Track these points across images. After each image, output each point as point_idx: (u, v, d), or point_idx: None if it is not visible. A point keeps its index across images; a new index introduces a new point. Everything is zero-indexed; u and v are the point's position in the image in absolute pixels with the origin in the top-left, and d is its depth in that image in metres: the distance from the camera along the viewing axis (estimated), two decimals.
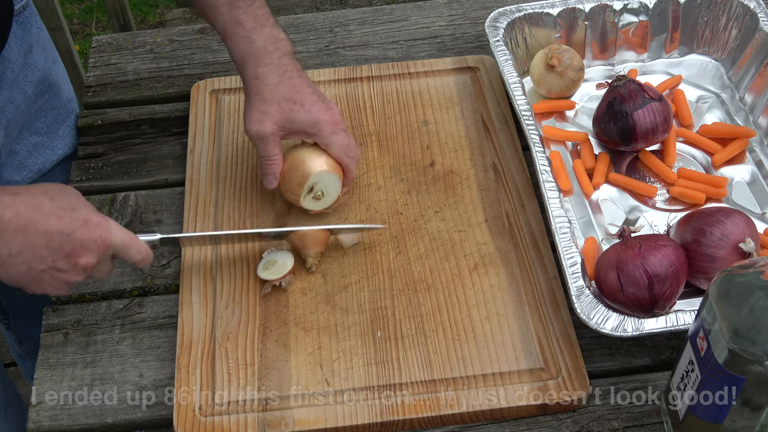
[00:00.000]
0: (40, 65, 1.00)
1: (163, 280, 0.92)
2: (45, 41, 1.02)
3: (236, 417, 0.80)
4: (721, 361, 0.65)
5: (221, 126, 1.04)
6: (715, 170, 0.99)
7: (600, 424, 0.80)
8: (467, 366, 0.82)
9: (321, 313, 0.86)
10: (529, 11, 1.07)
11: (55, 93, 1.04)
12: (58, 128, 1.06)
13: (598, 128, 0.99)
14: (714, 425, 0.71)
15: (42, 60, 1.00)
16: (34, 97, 1.00)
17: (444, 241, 0.92)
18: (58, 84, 1.05)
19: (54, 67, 1.04)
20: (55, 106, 1.05)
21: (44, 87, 1.02)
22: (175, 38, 1.19)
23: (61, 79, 1.06)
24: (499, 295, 0.87)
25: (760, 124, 1.01)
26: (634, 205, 0.95)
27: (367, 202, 0.96)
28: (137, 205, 0.99)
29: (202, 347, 0.84)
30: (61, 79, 1.06)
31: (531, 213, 0.94)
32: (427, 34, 1.18)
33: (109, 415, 0.82)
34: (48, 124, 1.04)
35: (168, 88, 1.13)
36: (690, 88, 1.07)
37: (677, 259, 0.82)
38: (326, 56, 1.15)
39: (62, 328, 0.89)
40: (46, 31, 1.04)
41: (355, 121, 1.04)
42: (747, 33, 1.04)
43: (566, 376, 0.81)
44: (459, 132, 1.03)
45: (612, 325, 0.80)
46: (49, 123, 1.04)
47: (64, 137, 1.06)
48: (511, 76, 1.00)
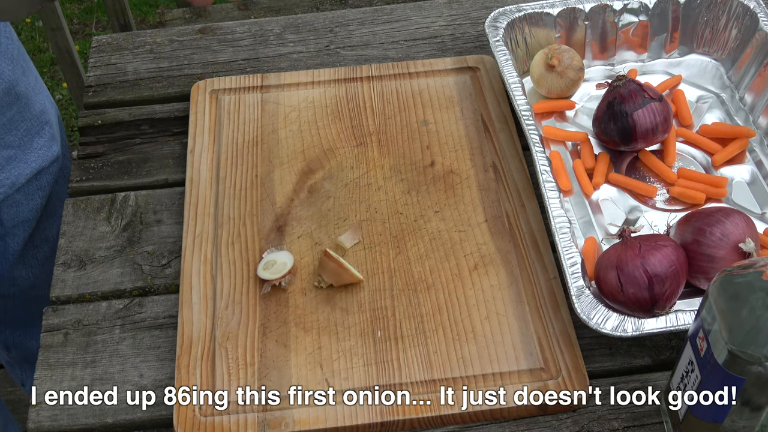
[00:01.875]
0: (6, 76, 0.99)
1: (163, 280, 0.92)
2: (14, 52, 1.01)
3: (236, 417, 0.80)
4: (721, 361, 0.65)
5: (221, 126, 1.04)
6: (715, 170, 0.99)
7: (600, 424, 0.80)
8: (467, 366, 0.82)
9: (321, 313, 0.87)
10: (529, 11, 1.07)
11: (24, 104, 1.02)
12: (31, 141, 1.04)
13: (598, 128, 0.99)
14: (714, 425, 0.71)
15: (9, 71, 0.99)
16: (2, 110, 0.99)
17: (444, 241, 0.92)
18: (27, 95, 1.03)
19: (23, 78, 1.02)
20: (26, 117, 1.03)
21: (11, 98, 1.00)
22: (175, 38, 1.19)
23: (31, 90, 1.04)
24: (499, 295, 0.87)
25: (760, 124, 1.01)
26: (634, 205, 0.95)
27: (367, 202, 0.96)
28: (137, 205, 0.99)
29: (202, 347, 0.84)
30: (31, 90, 1.04)
31: (531, 213, 0.94)
32: (427, 34, 1.18)
33: (109, 415, 0.83)
34: (20, 136, 1.03)
35: (168, 88, 1.13)
36: (690, 88, 1.07)
37: (677, 259, 0.82)
38: (326, 56, 1.15)
39: (62, 328, 0.89)
40: (18, 41, 1.02)
41: (355, 121, 1.04)
42: (747, 33, 1.05)
43: (566, 376, 0.81)
44: (459, 132, 1.03)
45: (612, 325, 0.80)
46: (22, 136, 1.03)
47: (38, 149, 1.05)
48: (511, 76, 1.00)
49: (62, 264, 0.94)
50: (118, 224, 0.97)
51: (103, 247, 0.95)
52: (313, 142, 1.02)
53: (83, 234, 0.96)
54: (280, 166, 0.99)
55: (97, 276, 0.93)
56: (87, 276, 0.93)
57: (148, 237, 0.96)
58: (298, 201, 0.96)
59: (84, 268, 0.93)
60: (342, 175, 0.99)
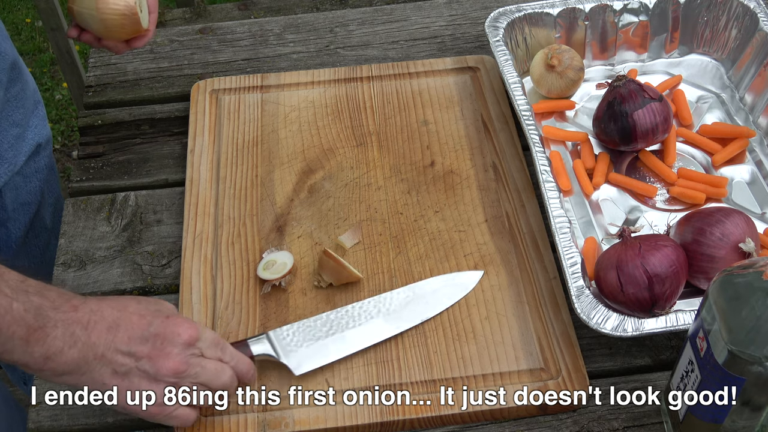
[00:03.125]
0: (9, 51, 1.00)
1: (163, 280, 0.92)
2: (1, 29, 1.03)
3: (236, 417, 0.80)
4: (721, 361, 0.65)
5: (221, 126, 1.04)
6: (715, 170, 0.98)
7: (600, 424, 0.80)
8: (467, 366, 0.82)
9: (321, 313, 0.86)
10: (529, 11, 1.07)
11: (25, 81, 1.05)
12: (29, 119, 1.07)
13: (598, 128, 0.99)
14: (714, 425, 0.71)
15: (9, 47, 1.01)
16: (7, 85, 1.00)
17: (444, 241, 0.92)
18: (25, 72, 1.06)
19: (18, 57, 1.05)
20: (27, 95, 1.06)
21: (15, 74, 1.02)
22: (175, 38, 1.19)
23: (25, 67, 1.07)
24: (499, 295, 0.87)
25: (760, 124, 1.01)
26: (634, 205, 0.95)
27: (367, 202, 0.96)
28: (137, 205, 0.99)
29: None
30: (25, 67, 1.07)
31: (531, 213, 0.94)
32: (427, 34, 1.18)
33: (110, 415, 0.82)
34: (24, 114, 1.05)
35: (168, 88, 1.13)
36: (690, 88, 1.07)
37: (677, 259, 0.82)
38: (326, 56, 1.15)
39: None
40: None
41: (355, 121, 1.04)
42: (747, 33, 1.04)
43: (566, 376, 0.81)
44: (459, 132, 1.03)
45: (612, 325, 0.80)
46: (24, 113, 1.05)
47: (34, 128, 1.07)
48: (511, 76, 1.00)
49: (62, 264, 0.94)
50: (118, 224, 0.97)
51: (103, 247, 0.95)
52: (313, 142, 1.02)
53: (83, 234, 0.96)
54: (280, 166, 0.99)
55: (97, 276, 0.93)
56: (87, 276, 0.93)
57: (148, 237, 0.96)
58: (298, 201, 0.96)
59: (84, 268, 0.93)
60: (342, 175, 0.99)
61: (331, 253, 0.87)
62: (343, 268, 0.86)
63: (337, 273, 0.87)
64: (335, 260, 0.86)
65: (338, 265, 0.86)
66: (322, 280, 0.88)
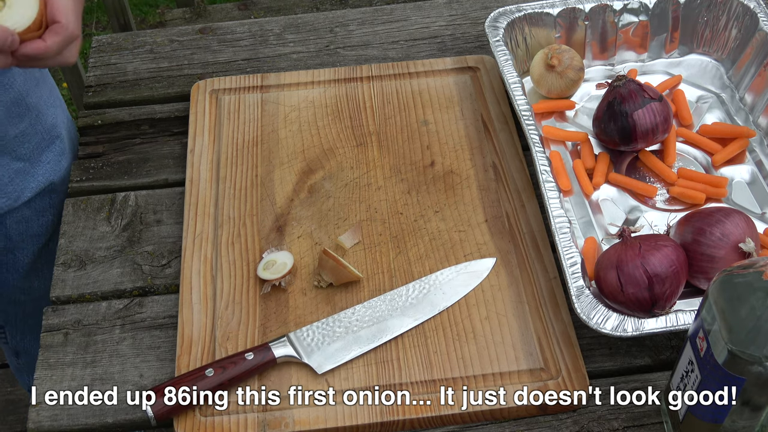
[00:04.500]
0: (17, 86, 0.96)
1: (163, 280, 0.92)
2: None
3: (236, 417, 0.80)
4: (721, 361, 0.65)
5: (221, 126, 1.04)
6: (715, 170, 0.99)
7: (600, 424, 0.80)
8: (467, 366, 0.82)
9: (321, 313, 0.86)
10: (529, 11, 1.07)
11: (36, 117, 1.00)
12: (41, 154, 1.02)
13: (598, 128, 0.99)
14: (714, 425, 0.71)
15: (21, 81, 0.97)
16: (8, 119, 0.97)
17: (444, 241, 0.92)
18: (38, 107, 1.01)
19: (35, 90, 1.00)
20: (38, 131, 1.01)
21: (21, 109, 0.98)
22: (175, 38, 1.19)
23: (43, 102, 1.02)
24: (499, 295, 0.87)
25: (760, 124, 1.01)
26: (634, 205, 0.95)
27: (367, 202, 0.96)
28: (137, 205, 0.99)
29: (202, 347, 0.84)
30: (43, 102, 1.02)
31: (531, 213, 0.94)
32: (427, 34, 1.18)
33: (109, 415, 0.83)
34: (31, 150, 1.01)
35: (168, 88, 1.13)
36: (690, 88, 1.07)
37: (677, 259, 0.82)
38: (326, 56, 1.15)
39: (62, 328, 0.89)
40: None
41: (355, 121, 1.04)
42: (747, 33, 1.04)
43: (566, 376, 0.81)
44: (459, 132, 1.03)
45: (612, 325, 0.80)
46: (33, 149, 1.01)
47: (46, 163, 1.03)
48: (511, 76, 1.00)
49: (62, 264, 0.94)
50: (118, 224, 0.97)
51: (103, 247, 0.95)
52: (313, 142, 1.02)
53: (83, 234, 0.96)
54: (280, 166, 1.00)
55: (97, 276, 0.93)
56: (87, 276, 0.93)
57: (148, 237, 0.96)
58: (298, 201, 0.96)
59: (84, 268, 0.93)
60: (342, 175, 0.99)
61: (331, 253, 0.87)
62: (343, 268, 0.86)
63: (337, 273, 0.87)
64: (335, 260, 0.86)
65: (338, 264, 0.86)
66: (322, 280, 0.88)
